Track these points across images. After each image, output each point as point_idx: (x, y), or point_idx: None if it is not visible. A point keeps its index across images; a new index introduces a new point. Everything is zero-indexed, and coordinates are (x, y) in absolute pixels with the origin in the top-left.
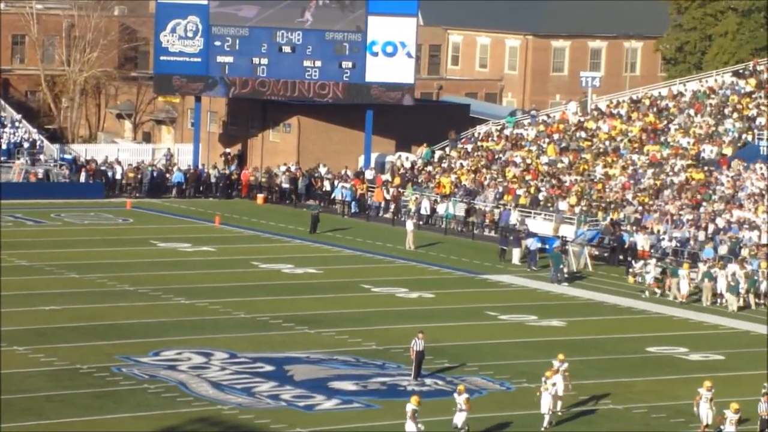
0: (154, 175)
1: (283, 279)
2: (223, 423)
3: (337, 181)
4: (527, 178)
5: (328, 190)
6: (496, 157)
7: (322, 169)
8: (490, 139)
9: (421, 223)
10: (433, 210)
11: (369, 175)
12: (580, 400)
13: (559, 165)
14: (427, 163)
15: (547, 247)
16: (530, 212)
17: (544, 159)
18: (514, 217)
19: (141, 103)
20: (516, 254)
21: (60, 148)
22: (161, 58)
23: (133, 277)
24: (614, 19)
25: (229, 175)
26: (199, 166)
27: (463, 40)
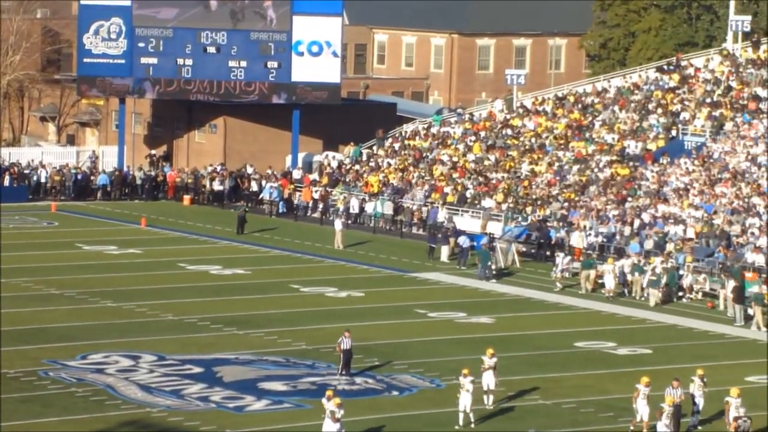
0: (79, 177)
1: (211, 280)
2: (153, 426)
3: (264, 182)
4: (454, 176)
5: (256, 191)
6: (424, 155)
7: (249, 170)
8: (417, 138)
9: (350, 222)
10: (362, 209)
11: (296, 174)
12: (509, 395)
13: (486, 162)
14: (355, 162)
15: (475, 244)
16: (458, 210)
17: (471, 157)
18: (442, 215)
19: (65, 106)
20: (444, 252)
21: None
22: (85, 60)
23: (59, 280)
24: (538, 17)
25: (155, 176)
26: (125, 168)
27: (388, 39)
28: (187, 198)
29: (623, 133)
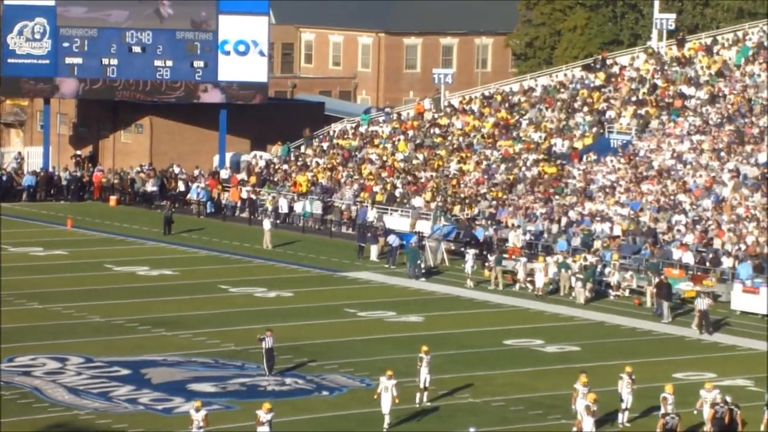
0: (4, 179)
1: (139, 281)
2: (81, 428)
3: (191, 182)
4: (383, 175)
5: (182, 191)
6: (352, 154)
7: (176, 170)
8: (346, 137)
9: (279, 222)
10: (291, 208)
11: (224, 174)
12: (440, 394)
13: (414, 161)
14: (284, 161)
15: (404, 243)
16: (387, 209)
17: (400, 156)
18: (371, 214)
19: None
20: (374, 251)
21: None
22: (9, 61)
23: None
24: (465, 16)
25: (81, 177)
26: (50, 169)
27: (315, 38)
28: (113, 199)
29: (550, 131)
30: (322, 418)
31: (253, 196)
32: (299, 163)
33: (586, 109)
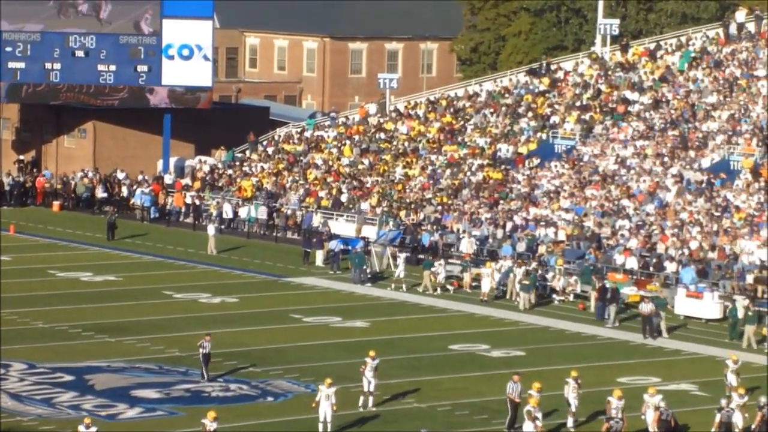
0: None
1: (82, 287)
2: None
3: (135, 186)
4: (329, 180)
5: (126, 196)
6: (297, 159)
7: (120, 175)
8: (291, 142)
9: (223, 227)
10: (235, 214)
11: (168, 179)
12: (385, 399)
13: (360, 166)
14: (228, 166)
15: (349, 248)
16: (333, 214)
17: (346, 161)
18: (317, 220)
19: None
20: (319, 256)
21: None
22: None
23: None
24: (410, 21)
25: (24, 182)
26: None
27: (260, 43)
28: (56, 204)
29: (495, 136)
30: (267, 424)
31: (198, 201)
32: (244, 168)
33: (531, 114)
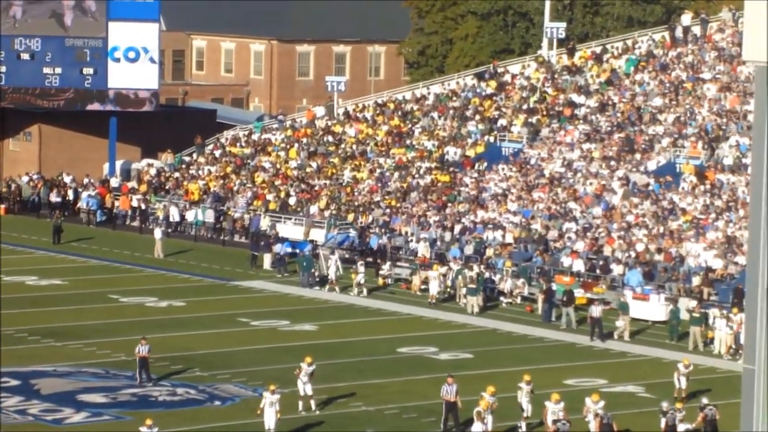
0: None
1: (28, 291)
2: None
3: (80, 190)
4: (277, 183)
5: (72, 199)
6: (245, 162)
7: (66, 178)
8: (238, 145)
9: (170, 230)
10: (182, 217)
11: (114, 182)
12: (333, 402)
13: (308, 169)
14: (175, 169)
15: (295, 251)
16: (281, 217)
17: (294, 164)
18: (265, 223)
19: None
20: (267, 260)
21: None
22: None
23: None
24: (357, 24)
25: None
26: None
27: (207, 45)
28: (1, 207)
29: (443, 139)
30: (214, 428)
31: (144, 205)
32: (191, 171)
33: (478, 117)
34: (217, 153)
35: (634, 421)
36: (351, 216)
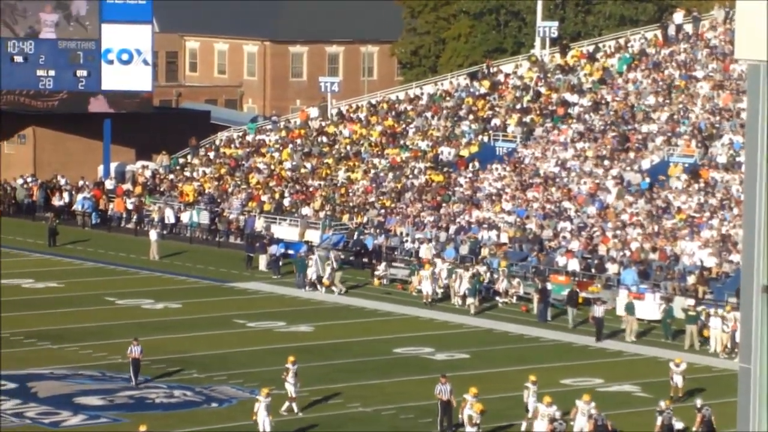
0: None
1: (24, 294)
2: None
3: (76, 192)
4: (271, 184)
5: (67, 202)
6: (239, 163)
7: (61, 180)
8: (233, 146)
9: (165, 232)
10: (177, 219)
11: (109, 185)
12: (330, 403)
13: (303, 170)
14: (170, 171)
15: (290, 252)
16: (276, 218)
17: (288, 164)
18: (260, 224)
19: None
20: (263, 261)
21: None
22: None
23: None
24: (350, 24)
25: None
26: None
27: (200, 47)
28: None
29: (436, 139)
30: (212, 430)
31: (139, 207)
32: (185, 173)
33: (472, 117)
34: (212, 154)
35: (630, 420)
36: (345, 217)
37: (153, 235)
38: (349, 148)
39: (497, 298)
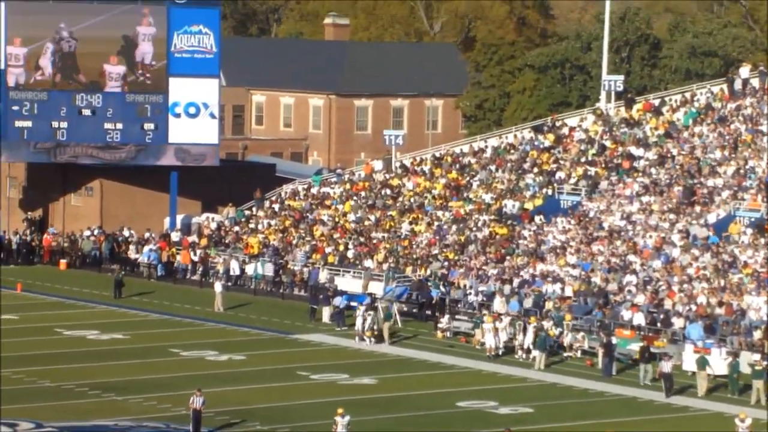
0: None
1: (89, 345)
2: None
3: (142, 244)
4: (335, 236)
5: (133, 254)
6: (304, 215)
7: (126, 232)
8: (297, 198)
9: (230, 284)
10: (242, 271)
11: (175, 237)
12: None
13: (366, 223)
14: (235, 223)
15: (354, 304)
16: (339, 270)
17: (352, 217)
18: (324, 276)
19: None
20: (326, 313)
21: None
22: None
23: None
24: (415, 78)
25: (30, 241)
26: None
27: (266, 100)
28: (63, 262)
29: (500, 192)
30: None
31: (204, 259)
32: (250, 225)
33: (536, 170)
34: (276, 207)
35: None
36: (409, 269)
37: (218, 286)
38: (412, 200)
39: (562, 352)
